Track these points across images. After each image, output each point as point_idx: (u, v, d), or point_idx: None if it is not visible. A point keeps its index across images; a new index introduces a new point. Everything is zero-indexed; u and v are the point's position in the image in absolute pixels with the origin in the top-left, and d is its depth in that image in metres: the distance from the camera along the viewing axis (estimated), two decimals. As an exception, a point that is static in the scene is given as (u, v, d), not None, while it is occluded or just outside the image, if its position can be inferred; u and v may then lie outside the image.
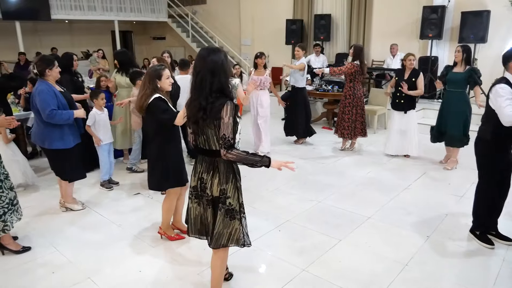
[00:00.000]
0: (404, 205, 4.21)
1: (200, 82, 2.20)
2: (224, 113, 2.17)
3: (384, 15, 9.07)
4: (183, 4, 13.09)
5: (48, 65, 3.68)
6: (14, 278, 3.02)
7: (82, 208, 4.15)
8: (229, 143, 2.18)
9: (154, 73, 3.18)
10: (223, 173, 2.31)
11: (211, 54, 2.20)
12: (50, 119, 3.62)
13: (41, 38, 12.69)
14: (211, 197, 2.37)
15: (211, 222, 2.42)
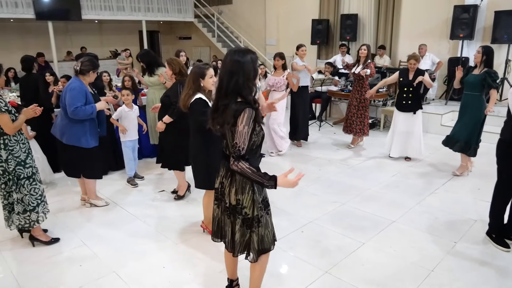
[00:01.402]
0: (431, 209, 4.10)
1: (220, 82, 2.12)
2: (240, 120, 2.02)
3: (412, 14, 8.89)
4: (209, 4, 13.21)
5: (94, 68, 3.82)
6: (44, 269, 3.12)
7: (106, 204, 4.23)
8: (238, 153, 2.03)
9: (198, 72, 3.20)
10: (240, 182, 2.20)
11: (235, 55, 2.10)
12: (74, 115, 3.71)
13: (72, 38, 13.09)
14: (228, 205, 2.28)
15: (229, 230, 2.35)
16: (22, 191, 3.24)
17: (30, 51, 12.39)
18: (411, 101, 5.36)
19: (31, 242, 3.44)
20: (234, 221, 2.30)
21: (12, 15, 9.96)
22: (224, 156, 2.29)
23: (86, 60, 3.80)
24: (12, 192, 3.23)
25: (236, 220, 2.27)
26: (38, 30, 11.36)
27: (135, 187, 4.77)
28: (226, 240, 2.40)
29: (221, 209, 2.38)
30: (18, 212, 3.27)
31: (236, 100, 2.08)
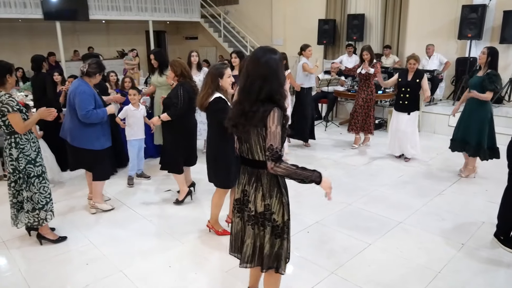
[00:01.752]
0: (438, 210, 4.07)
1: (250, 86, 1.98)
2: (270, 121, 1.94)
3: (420, 14, 8.83)
4: (215, 4, 13.23)
5: (100, 71, 3.83)
6: (51, 268, 3.14)
7: (112, 208, 4.16)
8: (277, 155, 1.95)
9: (216, 72, 3.20)
10: (267, 186, 2.10)
11: (267, 56, 1.98)
12: (85, 119, 3.68)
13: (79, 38, 13.17)
14: (254, 213, 2.16)
15: (250, 243, 2.20)
16: (32, 189, 3.28)
17: (38, 51, 12.49)
18: (408, 101, 5.37)
19: (39, 241, 3.47)
20: (261, 231, 2.16)
21: (21, 15, 10.04)
22: (246, 162, 2.17)
23: (93, 62, 3.79)
24: (21, 190, 3.27)
25: (265, 230, 2.14)
26: (46, 30, 11.45)
27: (131, 186, 4.77)
28: (245, 255, 2.24)
29: (243, 220, 2.24)
30: (28, 211, 3.30)
31: (263, 102, 1.99)
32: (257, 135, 2.02)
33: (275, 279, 2.33)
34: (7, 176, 3.29)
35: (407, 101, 5.37)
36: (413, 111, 5.42)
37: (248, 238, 2.21)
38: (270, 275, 2.29)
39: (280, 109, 1.98)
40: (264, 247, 2.17)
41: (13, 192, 3.30)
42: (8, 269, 3.16)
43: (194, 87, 3.99)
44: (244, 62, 3.75)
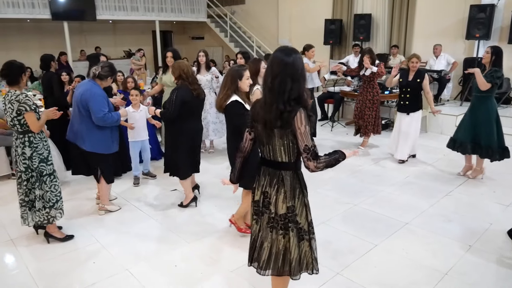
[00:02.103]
0: (445, 212, 4.05)
1: (279, 86, 1.97)
2: (298, 122, 1.95)
3: (427, 14, 8.78)
4: (222, 5, 13.25)
5: (112, 74, 3.81)
6: (58, 266, 3.17)
7: (119, 208, 4.19)
8: (314, 153, 1.98)
9: (236, 73, 3.18)
10: (289, 187, 2.09)
11: (292, 56, 1.99)
12: (102, 122, 3.65)
13: (86, 38, 13.26)
14: (274, 215, 2.13)
15: (267, 246, 2.17)
16: (44, 187, 3.32)
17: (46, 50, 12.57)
18: (408, 101, 5.33)
19: (46, 239, 3.50)
20: (280, 235, 2.13)
21: (29, 16, 10.14)
22: (268, 164, 2.15)
23: (106, 65, 3.75)
24: (34, 189, 3.30)
25: (289, 233, 2.12)
26: (54, 30, 11.54)
27: (136, 186, 4.80)
28: (261, 260, 2.20)
29: (260, 224, 2.21)
30: (39, 209, 3.34)
31: (293, 104, 1.99)
32: (281, 136, 2.01)
33: (287, 280, 2.33)
34: (18, 175, 3.32)
35: (407, 101, 5.33)
36: (414, 112, 5.36)
37: (265, 242, 2.18)
38: (283, 278, 2.26)
39: (305, 109, 2.00)
40: (289, 252, 2.14)
41: (25, 191, 3.32)
42: (16, 267, 3.19)
43: (193, 90, 3.82)
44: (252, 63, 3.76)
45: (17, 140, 3.24)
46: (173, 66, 3.94)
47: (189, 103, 3.81)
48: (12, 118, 3.15)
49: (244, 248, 3.36)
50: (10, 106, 3.13)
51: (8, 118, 3.19)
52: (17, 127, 3.18)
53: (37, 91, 6.62)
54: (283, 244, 2.15)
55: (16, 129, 3.20)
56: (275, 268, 2.20)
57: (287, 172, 2.09)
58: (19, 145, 3.23)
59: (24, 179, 3.28)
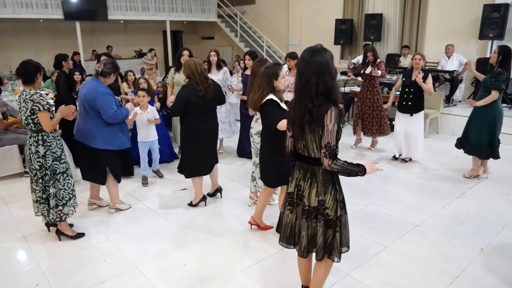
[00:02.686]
0: (457, 214, 4.00)
1: (305, 84, 2.06)
2: (328, 119, 2.01)
3: (439, 14, 8.68)
4: (232, 4, 13.27)
5: (115, 71, 3.79)
6: (69, 263, 3.21)
7: (129, 207, 4.20)
8: (333, 153, 2.04)
9: (272, 74, 3.16)
10: (322, 183, 2.17)
11: (315, 55, 2.07)
12: (113, 119, 3.67)
13: (98, 38, 13.39)
14: (307, 207, 2.23)
15: (305, 234, 2.28)
16: (57, 185, 3.37)
17: (58, 50, 12.72)
18: (411, 102, 5.24)
19: (58, 237, 3.54)
20: (315, 224, 2.24)
21: (42, 16, 10.27)
22: (302, 159, 2.23)
23: (108, 62, 3.75)
24: (48, 187, 3.35)
25: (319, 223, 2.22)
26: (66, 30, 11.68)
27: (145, 186, 4.81)
28: (302, 246, 2.32)
29: (296, 214, 2.32)
30: (52, 207, 3.38)
31: (323, 99, 2.06)
32: (313, 132, 2.08)
33: (326, 264, 2.39)
34: (33, 173, 3.35)
35: (410, 101, 5.25)
36: (417, 113, 5.30)
37: (303, 230, 2.29)
38: (322, 262, 2.35)
39: (337, 107, 2.04)
40: (317, 237, 2.24)
41: (42, 188, 3.36)
42: (28, 263, 3.23)
43: (199, 90, 3.77)
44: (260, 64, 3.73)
45: (30, 138, 3.29)
46: (184, 65, 3.94)
47: (194, 103, 3.77)
48: (26, 117, 3.20)
49: (253, 248, 3.37)
50: (25, 105, 3.18)
51: (23, 117, 3.24)
52: (31, 126, 3.22)
53: (50, 90, 6.70)
54: (314, 232, 2.26)
55: (30, 127, 3.25)
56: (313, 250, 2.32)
57: (320, 168, 2.15)
58: (32, 144, 3.28)
59: (39, 176, 3.33)
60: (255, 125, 3.81)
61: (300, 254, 2.36)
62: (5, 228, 3.79)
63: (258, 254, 3.28)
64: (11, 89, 7.68)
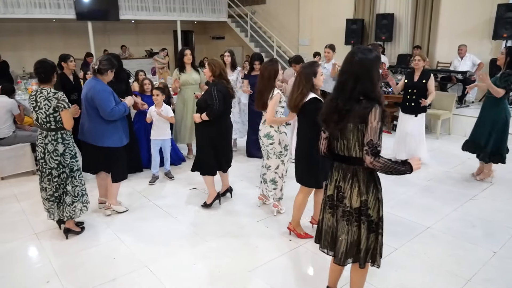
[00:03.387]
0: (469, 216, 3.94)
1: (344, 84, 2.08)
2: (372, 117, 2.01)
3: (452, 14, 8.58)
4: (243, 4, 13.28)
5: (112, 67, 3.72)
6: (80, 260, 3.24)
7: (126, 210, 4.12)
8: (376, 150, 2.02)
9: (310, 72, 3.15)
10: (364, 182, 2.15)
11: (359, 54, 2.06)
12: (110, 117, 3.65)
13: (110, 37, 13.51)
14: (349, 208, 2.20)
15: (345, 239, 2.24)
16: (74, 182, 3.44)
17: (71, 50, 12.87)
18: (414, 103, 5.19)
19: (65, 235, 3.56)
20: (356, 228, 2.21)
21: (55, 16, 10.39)
22: (341, 159, 2.22)
23: (104, 59, 3.72)
24: (65, 184, 3.41)
25: (362, 225, 2.19)
26: (78, 30, 11.81)
27: (152, 184, 4.81)
28: (339, 252, 2.28)
29: (336, 217, 2.29)
30: (69, 204, 3.44)
31: (360, 100, 2.06)
32: (357, 131, 2.07)
33: (363, 272, 2.38)
34: (46, 172, 3.35)
35: (413, 102, 5.19)
36: (420, 113, 5.26)
37: (342, 234, 2.25)
38: (358, 268, 2.33)
39: (380, 106, 2.04)
40: (360, 242, 2.21)
41: (55, 186, 3.38)
42: (40, 260, 3.27)
43: (228, 88, 3.90)
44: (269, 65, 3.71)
45: (46, 137, 3.30)
46: (214, 63, 3.87)
47: (227, 101, 3.88)
48: (48, 114, 3.23)
49: (262, 249, 3.37)
50: (47, 103, 3.21)
51: (42, 115, 3.25)
52: (51, 123, 3.26)
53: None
54: (357, 235, 2.22)
55: (49, 126, 3.27)
56: (353, 259, 2.29)
57: (361, 167, 2.13)
58: (50, 142, 3.29)
59: (55, 175, 3.35)
60: (263, 127, 3.80)
61: (337, 262, 2.30)
62: (17, 226, 3.84)
63: (267, 255, 3.28)
64: (24, 88, 7.78)
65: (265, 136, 3.74)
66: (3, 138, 5.02)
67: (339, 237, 2.26)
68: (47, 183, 3.40)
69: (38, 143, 3.39)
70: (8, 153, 5.03)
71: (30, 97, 3.35)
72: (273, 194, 3.95)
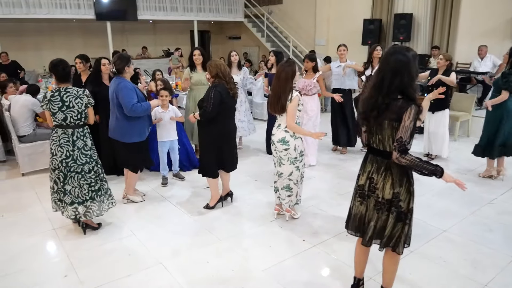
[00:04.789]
0: (487, 220, 3.86)
1: (381, 81, 2.18)
2: (406, 116, 2.12)
3: (472, 13, 8.42)
4: (259, 4, 13.29)
5: (127, 63, 3.87)
6: (96, 256, 3.30)
7: (142, 200, 4.30)
8: (404, 147, 2.14)
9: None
10: (397, 175, 2.28)
11: (396, 53, 2.17)
12: (132, 113, 3.81)
13: (128, 37, 13.71)
14: (381, 199, 2.33)
15: (373, 225, 2.38)
16: (102, 178, 3.62)
17: (90, 50, 13.15)
18: (434, 100, 5.14)
19: (83, 230, 3.64)
20: (385, 217, 2.35)
21: (75, 16, 10.61)
22: (376, 152, 2.34)
23: (116, 59, 3.89)
24: (99, 178, 3.57)
25: (391, 215, 2.33)
26: (97, 30, 12.02)
27: (164, 186, 4.78)
28: (367, 235, 2.43)
29: (366, 206, 2.43)
30: (103, 200, 3.61)
31: (397, 97, 2.17)
32: (392, 128, 2.20)
33: (395, 260, 2.51)
34: (74, 171, 3.38)
35: (433, 100, 5.17)
36: (439, 110, 5.35)
37: (372, 221, 2.40)
38: (391, 256, 2.49)
39: (417, 106, 2.14)
40: (386, 228, 2.35)
41: (89, 183, 3.47)
42: (58, 254, 3.35)
43: (230, 89, 3.77)
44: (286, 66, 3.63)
45: (74, 134, 3.37)
46: (210, 64, 3.79)
47: (226, 102, 3.76)
48: (80, 112, 3.37)
49: (275, 248, 3.37)
50: (79, 101, 3.35)
51: (73, 113, 3.33)
52: (82, 120, 3.42)
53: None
54: (385, 222, 2.37)
55: (78, 123, 3.39)
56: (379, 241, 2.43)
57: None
58: (79, 138, 3.40)
59: (87, 170, 3.44)
60: (277, 131, 3.62)
61: (364, 243, 2.46)
62: (37, 221, 3.94)
63: (280, 254, 3.28)
64: (45, 87, 7.98)
65: (280, 141, 3.56)
66: (24, 136, 5.18)
67: (369, 223, 2.40)
68: (75, 183, 3.41)
69: (61, 143, 3.35)
70: (28, 150, 5.17)
71: (52, 98, 3.28)
72: (288, 201, 3.77)
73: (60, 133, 3.36)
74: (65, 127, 3.35)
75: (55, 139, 3.38)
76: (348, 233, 2.60)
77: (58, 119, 3.32)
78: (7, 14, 9.50)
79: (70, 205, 3.45)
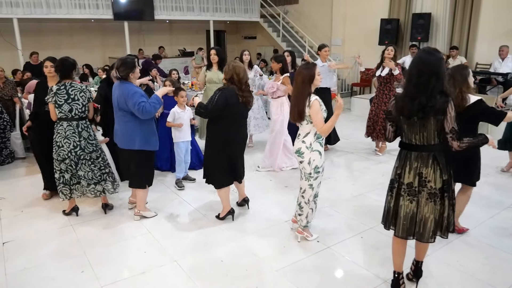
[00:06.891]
0: (507, 225, 3.78)
1: (426, 83, 2.33)
2: (450, 108, 2.34)
3: (493, 13, 8.23)
4: (275, 4, 13.28)
5: (131, 69, 3.57)
6: (112, 252, 3.36)
7: (155, 214, 4.02)
8: (458, 135, 2.38)
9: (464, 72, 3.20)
10: (443, 164, 2.47)
11: (437, 55, 2.37)
12: (143, 113, 3.49)
13: (144, 37, 13.85)
14: (435, 190, 2.47)
15: (433, 218, 2.50)
16: (108, 165, 4.01)
17: (108, 49, 13.37)
18: None
19: (104, 210, 4.06)
20: (440, 206, 2.49)
21: (93, 16, 10.77)
22: (420, 149, 2.47)
23: (119, 66, 3.56)
24: (107, 162, 3.98)
25: (445, 202, 2.50)
26: (115, 30, 12.18)
27: (182, 189, 4.68)
28: (429, 231, 2.53)
29: (418, 202, 2.51)
30: (112, 182, 4.00)
31: (437, 96, 2.35)
32: (436, 122, 2.38)
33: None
34: (84, 159, 3.75)
35: None
36: None
37: (431, 214, 2.50)
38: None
39: (452, 100, 2.39)
40: (443, 219, 2.53)
41: (99, 167, 3.88)
42: (75, 250, 3.41)
43: (241, 96, 3.55)
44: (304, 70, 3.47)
45: (79, 126, 3.71)
46: (228, 66, 3.59)
47: (233, 108, 3.51)
48: (84, 105, 3.72)
49: (289, 249, 3.36)
50: (83, 94, 3.71)
51: (79, 106, 3.68)
52: (85, 113, 3.75)
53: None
54: (442, 212, 2.52)
55: (82, 115, 3.72)
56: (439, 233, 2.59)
57: (439, 152, 2.46)
58: (84, 129, 3.74)
59: (95, 157, 3.83)
60: (296, 141, 3.33)
61: (426, 240, 2.55)
62: (55, 217, 4.01)
63: (294, 255, 3.27)
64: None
65: (296, 153, 3.28)
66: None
67: (428, 218, 2.50)
68: (87, 168, 3.77)
69: (67, 135, 3.66)
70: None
71: (58, 91, 3.62)
72: (299, 220, 3.48)
73: (65, 126, 3.66)
74: (70, 119, 3.66)
75: (60, 131, 3.67)
76: (398, 237, 2.65)
77: (64, 111, 3.63)
78: (28, 14, 9.71)
79: (88, 186, 3.83)
